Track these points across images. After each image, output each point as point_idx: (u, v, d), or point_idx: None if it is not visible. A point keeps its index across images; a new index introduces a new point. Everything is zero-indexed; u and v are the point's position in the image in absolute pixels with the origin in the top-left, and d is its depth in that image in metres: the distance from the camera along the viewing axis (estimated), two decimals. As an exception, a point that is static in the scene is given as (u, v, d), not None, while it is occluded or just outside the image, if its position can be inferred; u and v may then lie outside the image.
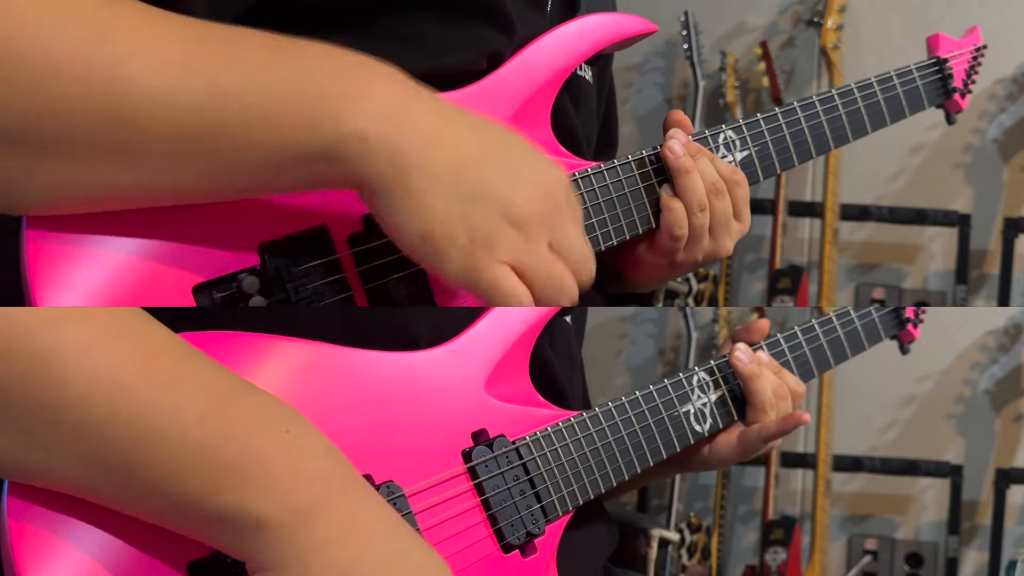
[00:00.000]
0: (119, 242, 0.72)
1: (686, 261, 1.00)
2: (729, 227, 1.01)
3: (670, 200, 0.97)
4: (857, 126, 1.14)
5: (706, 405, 1.03)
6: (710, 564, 2.54)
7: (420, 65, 0.83)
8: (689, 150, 0.98)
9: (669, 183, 0.98)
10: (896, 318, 1.27)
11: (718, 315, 2.63)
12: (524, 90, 0.91)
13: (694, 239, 0.99)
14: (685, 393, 1.02)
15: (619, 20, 0.99)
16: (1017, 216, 2.57)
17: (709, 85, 2.65)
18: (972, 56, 1.27)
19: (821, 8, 2.56)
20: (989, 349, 2.62)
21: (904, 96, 1.18)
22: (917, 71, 1.21)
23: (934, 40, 1.25)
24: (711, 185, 0.98)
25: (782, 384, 1.07)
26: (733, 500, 2.71)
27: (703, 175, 0.98)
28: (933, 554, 2.62)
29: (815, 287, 2.54)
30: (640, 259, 1.02)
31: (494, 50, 0.88)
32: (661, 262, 1.01)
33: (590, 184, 0.95)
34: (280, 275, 0.77)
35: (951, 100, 1.25)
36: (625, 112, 2.80)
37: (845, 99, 1.13)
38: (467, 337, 0.87)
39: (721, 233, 1.00)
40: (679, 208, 0.97)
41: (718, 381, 1.05)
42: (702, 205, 0.98)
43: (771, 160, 1.08)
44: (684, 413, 1.01)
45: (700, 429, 1.02)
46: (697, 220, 0.98)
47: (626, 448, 0.95)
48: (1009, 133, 2.64)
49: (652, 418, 0.98)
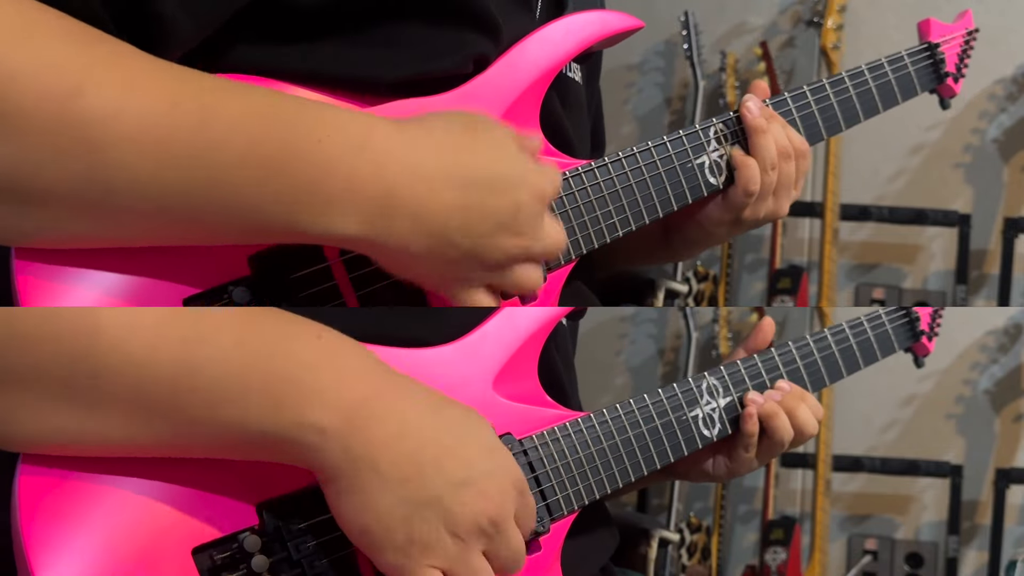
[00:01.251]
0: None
1: (750, 218, 1.06)
2: (790, 191, 1.07)
3: (744, 158, 1.04)
4: (849, 114, 1.14)
5: (715, 410, 1.03)
6: (710, 564, 2.54)
7: (407, 69, 0.83)
8: (764, 113, 1.04)
9: (739, 145, 1.04)
10: (911, 330, 1.26)
11: (718, 315, 2.63)
12: (511, 91, 0.91)
13: (762, 195, 1.05)
14: (694, 397, 1.02)
15: (605, 17, 0.99)
16: (1017, 216, 2.57)
17: (709, 85, 2.65)
18: (964, 40, 1.26)
19: (821, 8, 2.56)
20: (989, 349, 2.62)
21: (896, 82, 1.18)
22: (908, 57, 1.20)
23: (925, 25, 1.24)
24: (782, 148, 1.05)
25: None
26: (733, 500, 2.71)
27: (776, 138, 1.04)
28: (933, 554, 2.62)
29: (815, 287, 2.54)
30: (707, 216, 1.07)
31: (480, 54, 0.88)
32: (728, 217, 1.06)
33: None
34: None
35: (944, 85, 1.24)
36: (625, 112, 2.79)
37: (836, 87, 1.13)
38: (476, 335, 0.87)
39: (782, 195, 1.07)
40: (753, 165, 1.03)
41: (728, 386, 1.05)
42: (773, 164, 1.04)
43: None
44: (693, 417, 1.01)
45: (708, 434, 1.02)
46: (768, 178, 1.04)
47: (633, 450, 0.95)
48: (1009, 133, 2.64)
49: (660, 421, 0.98)
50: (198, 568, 0.73)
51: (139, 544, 0.71)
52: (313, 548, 0.77)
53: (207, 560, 0.73)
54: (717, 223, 1.07)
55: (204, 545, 0.74)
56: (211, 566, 0.73)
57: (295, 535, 0.76)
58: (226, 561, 0.74)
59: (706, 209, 1.06)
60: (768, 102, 1.08)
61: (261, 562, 0.75)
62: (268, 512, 0.76)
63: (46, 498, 0.70)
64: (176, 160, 0.68)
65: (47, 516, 0.70)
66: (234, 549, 0.74)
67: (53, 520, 0.70)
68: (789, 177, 1.06)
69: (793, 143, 1.06)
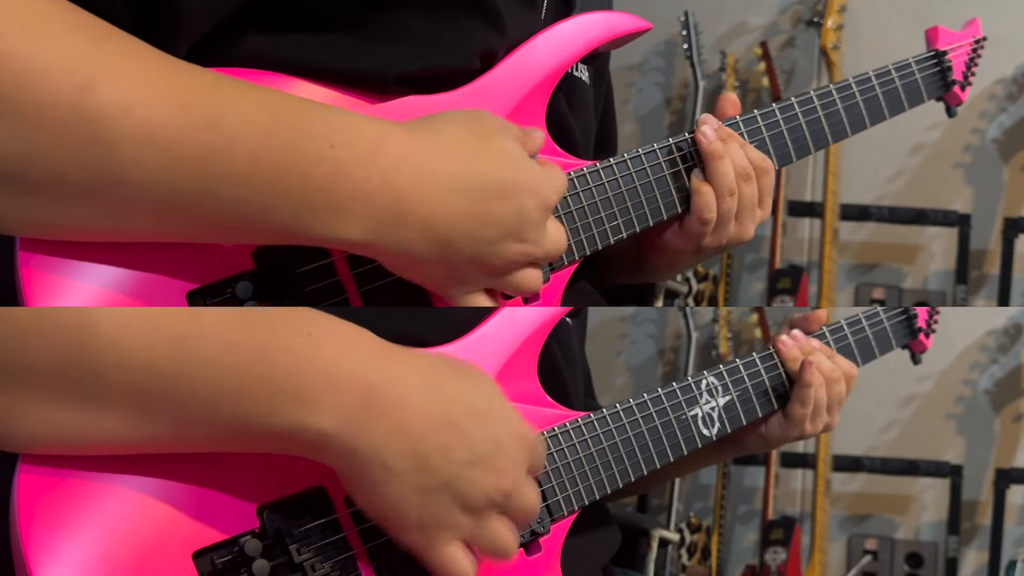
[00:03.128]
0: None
1: (711, 245, 1.02)
2: (754, 213, 1.02)
3: (700, 184, 0.99)
4: (855, 120, 1.13)
5: (714, 409, 1.03)
6: (710, 564, 2.54)
7: (413, 64, 0.83)
8: (720, 135, 1.00)
9: (699, 168, 0.99)
10: (908, 327, 1.26)
11: (718, 315, 2.63)
12: (519, 90, 0.91)
13: (721, 223, 1.00)
14: (693, 397, 1.02)
15: (614, 19, 0.99)
16: (1017, 216, 2.57)
17: (709, 85, 2.65)
18: (972, 48, 1.26)
19: (821, 8, 2.56)
20: (989, 349, 2.62)
21: (903, 89, 1.18)
22: (916, 64, 1.20)
23: (933, 33, 1.24)
24: (741, 170, 1.00)
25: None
26: (733, 500, 2.71)
27: (734, 160, 1.00)
28: (933, 554, 2.62)
29: (815, 287, 2.54)
30: (666, 244, 1.03)
31: (487, 49, 0.88)
32: (687, 247, 1.02)
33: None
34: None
35: (950, 93, 1.24)
36: (625, 112, 2.80)
37: (843, 93, 1.13)
38: (476, 335, 0.87)
39: (746, 218, 1.02)
40: (709, 192, 0.99)
41: (727, 385, 1.05)
42: (731, 190, 0.99)
43: (768, 157, 1.08)
44: (692, 417, 1.01)
45: (708, 433, 1.02)
46: (726, 205, 0.99)
47: (633, 450, 0.95)
48: (1009, 133, 2.64)
49: (659, 420, 0.98)
50: (199, 572, 0.73)
51: (139, 547, 0.71)
52: (315, 552, 0.76)
53: (208, 564, 0.73)
54: (678, 252, 1.04)
55: (205, 549, 0.73)
56: (212, 570, 0.73)
57: (297, 539, 0.76)
58: (227, 565, 0.73)
59: (664, 237, 1.02)
60: (776, 106, 1.07)
61: (262, 566, 0.74)
62: (269, 515, 0.76)
63: (45, 498, 0.70)
64: (185, 159, 0.68)
65: (46, 517, 0.69)
66: (235, 553, 0.74)
67: (52, 521, 0.69)
68: (752, 199, 1.01)
69: (753, 162, 1.01)
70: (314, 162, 0.71)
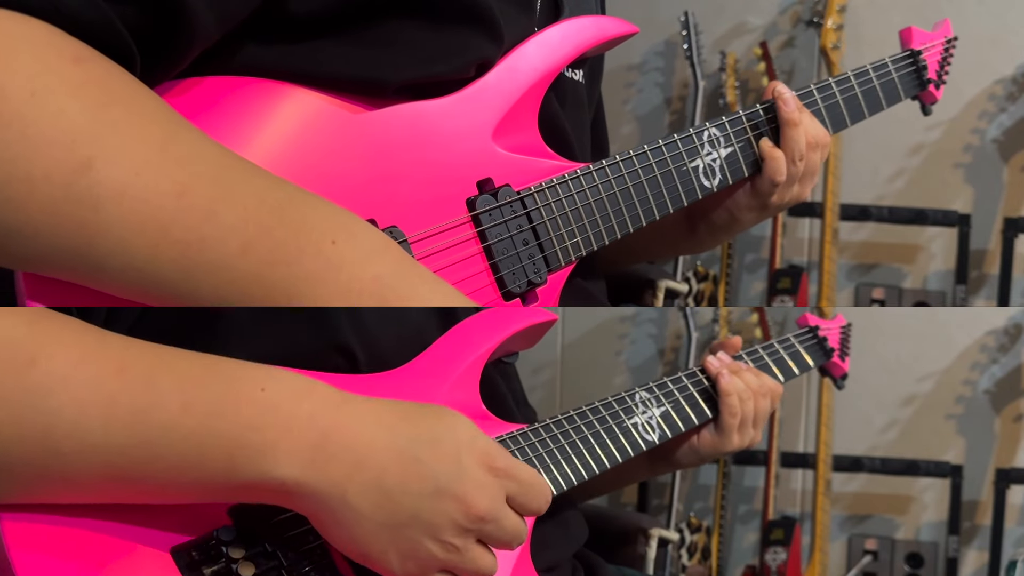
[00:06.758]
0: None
1: (776, 203, 1.14)
2: (814, 177, 1.15)
3: (772, 150, 1.10)
4: (836, 120, 1.18)
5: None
6: (710, 564, 2.54)
7: (409, 73, 0.84)
8: (797, 106, 1.11)
9: (766, 136, 1.10)
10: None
11: (718, 315, 2.63)
12: (510, 96, 0.91)
13: (787, 184, 1.12)
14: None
15: (601, 23, 0.99)
16: (1017, 216, 2.57)
17: (709, 85, 2.65)
18: (944, 48, 1.29)
19: (821, 8, 2.55)
20: (989, 349, 2.61)
21: (881, 88, 1.21)
22: (892, 63, 1.23)
23: (907, 33, 1.28)
24: (812, 139, 1.12)
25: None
26: (733, 500, 2.71)
27: (807, 130, 1.11)
28: (933, 554, 2.62)
29: (815, 287, 2.54)
30: (736, 202, 1.14)
31: (483, 58, 0.89)
32: (755, 203, 1.13)
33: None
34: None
35: (926, 91, 1.27)
36: (625, 112, 2.79)
37: (824, 93, 1.16)
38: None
39: (807, 181, 1.15)
40: (780, 157, 1.10)
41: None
42: (801, 155, 1.11)
43: (754, 157, 1.11)
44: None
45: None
46: (795, 168, 1.11)
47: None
48: (1009, 133, 2.64)
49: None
50: (177, 564, 0.73)
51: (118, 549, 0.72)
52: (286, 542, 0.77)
53: (186, 557, 0.74)
54: (745, 209, 1.14)
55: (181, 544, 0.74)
56: (190, 561, 0.74)
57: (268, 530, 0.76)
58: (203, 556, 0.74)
59: (735, 196, 1.13)
60: (760, 106, 1.12)
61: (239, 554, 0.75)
62: (238, 517, 0.76)
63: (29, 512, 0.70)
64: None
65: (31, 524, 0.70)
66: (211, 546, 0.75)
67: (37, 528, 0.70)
68: (814, 164, 1.14)
69: (818, 134, 1.13)
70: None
